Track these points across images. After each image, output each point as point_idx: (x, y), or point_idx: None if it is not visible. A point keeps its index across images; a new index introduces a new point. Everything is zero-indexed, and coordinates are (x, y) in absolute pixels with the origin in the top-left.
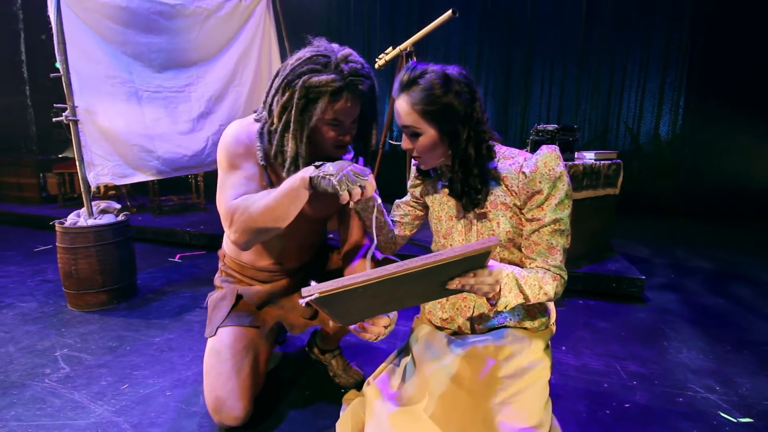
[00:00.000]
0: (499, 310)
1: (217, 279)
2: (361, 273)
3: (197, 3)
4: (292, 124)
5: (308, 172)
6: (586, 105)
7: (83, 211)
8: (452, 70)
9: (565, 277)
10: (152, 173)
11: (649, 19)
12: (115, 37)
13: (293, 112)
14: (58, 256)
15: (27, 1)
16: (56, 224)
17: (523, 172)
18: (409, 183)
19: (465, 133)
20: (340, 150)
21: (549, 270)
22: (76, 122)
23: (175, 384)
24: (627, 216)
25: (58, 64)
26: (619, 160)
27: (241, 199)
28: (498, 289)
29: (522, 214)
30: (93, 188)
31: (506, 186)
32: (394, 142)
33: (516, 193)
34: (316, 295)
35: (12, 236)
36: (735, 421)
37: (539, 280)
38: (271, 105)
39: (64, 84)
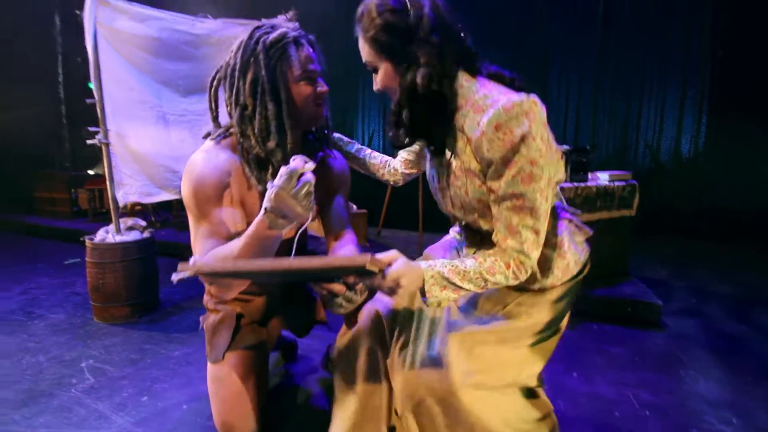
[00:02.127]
0: (431, 304)
1: (209, 302)
2: (243, 261)
3: (222, 32)
4: (267, 90)
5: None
6: (603, 121)
7: (111, 227)
8: None
9: (528, 261)
10: (176, 192)
11: (667, 33)
12: (147, 66)
13: (265, 76)
14: (87, 270)
15: (66, 26)
16: (86, 240)
17: (481, 129)
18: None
19: (418, 59)
20: (320, 107)
21: (506, 252)
22: (107, 145)
23: (191, 398)
24: (646, 236)
25: (91, 85)
26: (634, 182)
27: (215, 252)
28: (407, 288)
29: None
30: (121, 206)
31: (471, 148)
32: None
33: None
34: (189, 273)
35: (43, 249)
36: None
37: (483, 273)
38: (237, 96)
39: (98, 109)
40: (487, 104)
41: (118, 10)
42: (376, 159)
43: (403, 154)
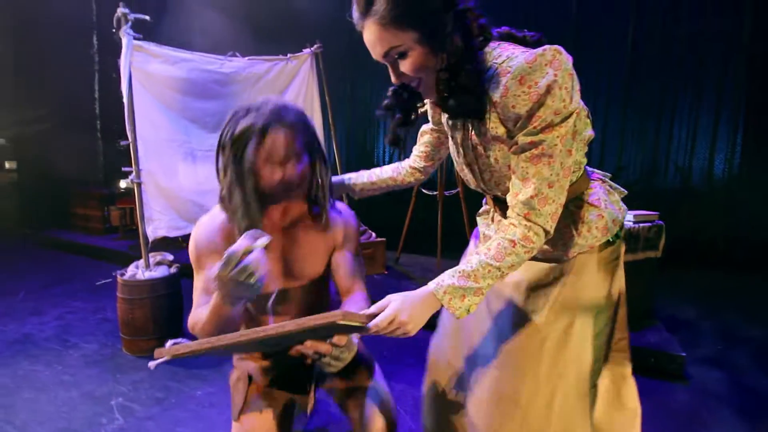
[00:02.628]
0: (461, 315)
1: (235, 358)
2: (216, 338)
3: (249, 69)
4: (234, 177)
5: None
6: (631, 144)
7: (141, 263)
8: None
9: (538, 218)
10: None
11: (699, 55)
12: (176, 105)
13: (231, 164)
14: (117, 304)
15: (102, 44)
16: (117, 275)
17: (506, 85)
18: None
19: (450, 22)
20: (289, 191)
21: (516, 212)
22: (139, 185)
23: (223, 426)
24: (675, 266)
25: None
26: (660, 222)
27: (195, 314)
28: (414, 320)
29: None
30: (150, 240)
31: (497, 111)
32: (427, 192)
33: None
34: (167, 358)
35: (76, 267)
36: None
37: (492, 263)
38: (217, 175)
39: (131, 151)
40: (511, 65)
41: (152, 54)
42: (386, 172)
43: (420, 148)
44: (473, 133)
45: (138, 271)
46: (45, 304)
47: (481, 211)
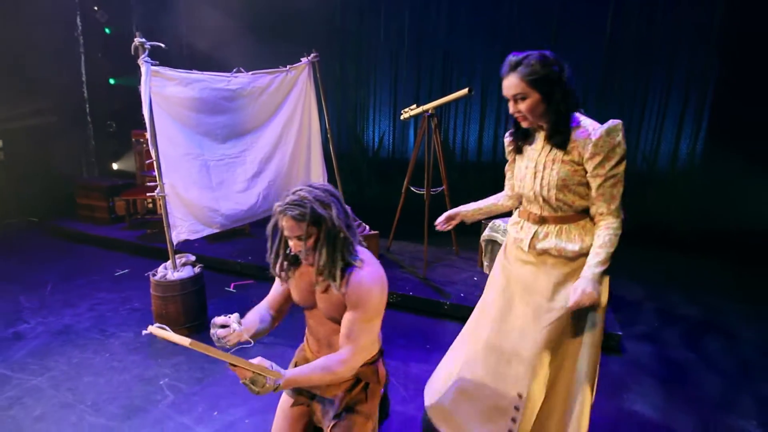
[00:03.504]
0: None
1: None
2: (195, 343)
3: (253, 84)
4: (275, 241)
5: None
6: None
7: (169, 264)
8: (547, 52)
9: (622, 215)
10: (217, 227)
11: (672, 51)
12: (190, 122)
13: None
14: (152, 300)
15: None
16: (150, 276)
17: (591, 139)
18: (506, 142)
19: (559, 95)
20: (305, 259)
21: (609, 216)
22: (164, 197)
23: (250, 413)
24: (632, 250)
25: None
26: None
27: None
28: (596, 295)
29: (581, 168)
30: (175, 243)
31: (573, 147)
32: (415, 190)
33: (579, 154)
34: (150, 330)
35: (91, 257)
36: None
37: (610, 249)
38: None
39: (155, 167)
40: (585, 124)
41: (168, 78)
42: (497, 204)
43: (508, 183)
44: (550, 156)
45: (167, 272)
46: (74, 296)
47: (511, 222)
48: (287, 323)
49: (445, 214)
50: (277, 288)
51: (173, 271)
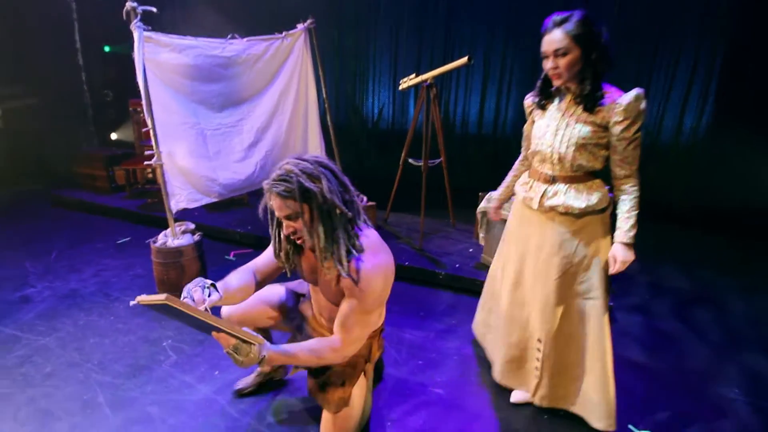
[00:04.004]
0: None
1: None
2: (179, 301)
3: (248, 51)
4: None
5: None
6: None
7: (169, 231)
8: (588, 14)
9: (639, 177)
10: (215, 196)
11: (680, 26)
12: (185, 89)
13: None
14: (153, 267)
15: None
16: (151, 243)
17: (618, 103)
18: (527, 103)
19: (596, 55)
20: (298, 241)
21: (632, 179)
22: (161, 165)
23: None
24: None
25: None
26: None
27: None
28: (632, 260)
29: (603, 131)
30: (174, 213)
31: (597, 110)
32: (413, 162)
33: (604, 118)
34: (138, 301)
35: (93, 225)
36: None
37: (635, 210)
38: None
39: (151, 135)
40: (610, 90)
41: (161, 44)
42: (516, 174)
43: (524, 144)
44: (574, 116)
45: (167, 239)
46: (79, 263)
47: (520, 183)
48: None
49: (492, 210)
50: (269, 256)
51: (173, 238)
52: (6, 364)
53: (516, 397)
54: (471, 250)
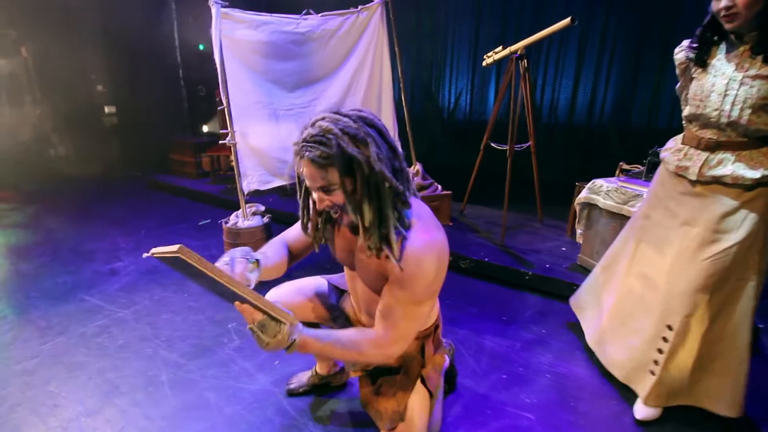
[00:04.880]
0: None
1: None
2: (194, 256)
3: (323, 26)
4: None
5: None
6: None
7: (240, 212)
8: None
9: None
10: (286, 179)
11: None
12: (259, 67)
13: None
14: (224, 246)
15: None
16: (223, 223)
17: None
18: (679, 58)
19: None
20: (334, 214)
21: None
22: (234, 145)
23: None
24: None
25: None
26: None
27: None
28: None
29: None
30: (246, 194)
31: None
32: (496, 146)
33: None
34: (151, 253)
35: (180, 207)
36: None
37: None
38: None
39: (226, 114)
40: None
41: (237, 21)
42: None
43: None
44: (751, 71)
45: (238, 220)
46: (163, 241)
47: (670, 149)
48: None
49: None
50: (301, 235)
51: (243, 219)
52: (86, 333)
53: (642, 413)
54: (564, 249)
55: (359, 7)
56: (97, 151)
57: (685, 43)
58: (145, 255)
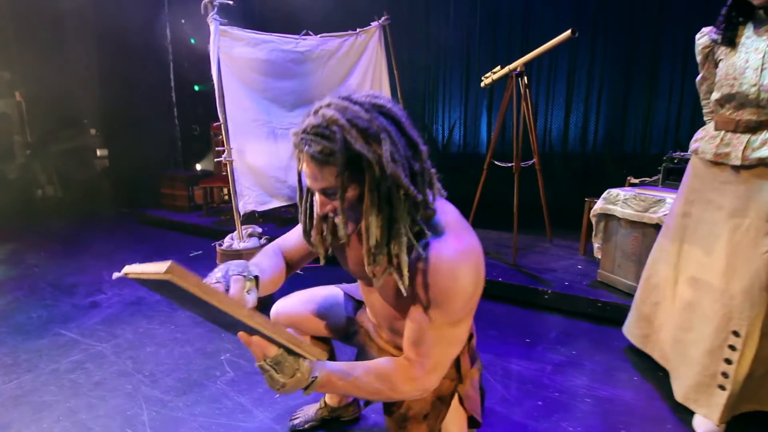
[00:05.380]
0: None
1: None
2: (192, 278)
3: (321, 47)
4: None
5: None
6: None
7: (235, 234)
8: None
9: None
10: (284, 199)
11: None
12: (258, 85)
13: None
14: None
15: (175, 37)
16: (216, 246)
17: None
18: (702, 42)
19: None
20: (337, 221)
21: None
22: (231, 162)
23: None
24: None
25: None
26: None
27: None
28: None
29: None
30: (242, 215)
31: None
32: (501, 164)
33: None
34: (124, 273)
35: (171, 240)
36: None
37: None
38: None
39: (222, 131)
40: None
41: (236, 38)
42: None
43: (706, 97)
44: None
45: (233, 242)
46: None
47: (703, 138)
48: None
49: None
50: (299, 235)
51: (239, 241)
52: (59, 369)
53: (703, 428)
54: (580, 266)
55: (357, 29)
56: (87, 191)
57: (706, 29)
58: (115, 275)
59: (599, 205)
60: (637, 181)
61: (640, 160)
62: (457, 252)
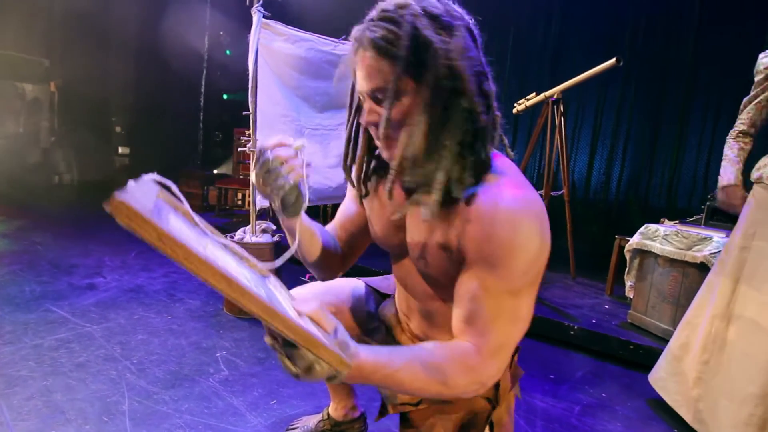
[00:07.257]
0: None
1: None
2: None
3: None
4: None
5: None
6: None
7: (249, 228)
8: None
9: None
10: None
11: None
12: (292, 82)
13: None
14: None
15: (212, 45)
16: (228, 237)
17: None
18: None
19: None
20: (379, 136)
21: None
22: (254, 152)
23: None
24: None
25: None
26: None
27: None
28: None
29: None
30: (258, 209)
31: None
32: None
33: None
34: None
35: None
36: None
37: None
38: None
39: (251, 121)
40: None
41: (277, 33)
42: (745, 149)
43: (747, 116)
44: None
45: (246, 235)
46: (153, 263)
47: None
48: None
49: (735, 194)
50: (349, 206)
51: (252, 235)
52: (42, 345)
53: None
54: (607, 306)
55: None
56: (102, 182)
57: None
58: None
59: (635, 240)
60: (671, 223)
61: (665, 213)
62: (518, 199)
